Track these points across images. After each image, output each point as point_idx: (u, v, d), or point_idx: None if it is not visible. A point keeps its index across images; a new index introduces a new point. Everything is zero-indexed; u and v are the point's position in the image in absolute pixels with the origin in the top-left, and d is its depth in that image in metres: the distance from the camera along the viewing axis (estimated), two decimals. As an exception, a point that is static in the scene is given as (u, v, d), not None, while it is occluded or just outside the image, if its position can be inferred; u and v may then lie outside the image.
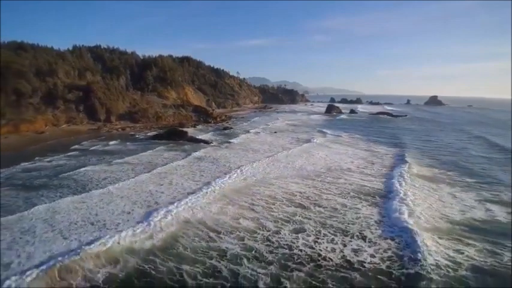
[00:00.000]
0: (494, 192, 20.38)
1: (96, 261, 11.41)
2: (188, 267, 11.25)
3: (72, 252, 11.73)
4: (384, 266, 11.59)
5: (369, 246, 13.01)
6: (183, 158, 28.28)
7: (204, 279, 10.57)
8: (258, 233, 13.99)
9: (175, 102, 68.26)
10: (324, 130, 50.42)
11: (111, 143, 35.85)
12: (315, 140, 39.36)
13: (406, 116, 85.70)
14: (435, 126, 63.23)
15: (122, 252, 12.08)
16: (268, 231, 14.29)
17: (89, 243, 12.32)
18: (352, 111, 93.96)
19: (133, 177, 21.75)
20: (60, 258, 11.24)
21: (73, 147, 32.92)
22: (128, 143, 35.80)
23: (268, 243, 13.17)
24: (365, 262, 11.81)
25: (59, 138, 38.56)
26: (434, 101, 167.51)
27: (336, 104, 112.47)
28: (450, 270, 11.43)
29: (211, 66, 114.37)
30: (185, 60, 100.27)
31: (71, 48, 78.16)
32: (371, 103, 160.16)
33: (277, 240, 13.37)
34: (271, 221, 15.33)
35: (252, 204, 17.48)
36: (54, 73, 56.05)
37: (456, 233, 14.44)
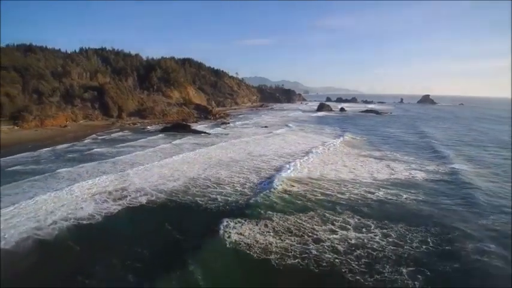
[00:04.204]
0: (421, 165, 27.42)
1: (137, 193, 18.73)
2: (199, 198, 18.40)
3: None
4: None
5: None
6: (169, 143, 36.02)
7: (209, 202, 17.89)
8: (246, 184, 21.05)
9: (179, 101, 75.22)
10: (290, 124, 58.10)
11: (124, 133, 44.25)
12: (278, 131, 48.38)
13: (390, 113, 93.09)
14: (401, 120, 74.89)
15: (152, 190, 19.32)
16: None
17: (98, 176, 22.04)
18: (342, 109, 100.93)
19: (132, 153, 30.13)
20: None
21: (92, 136, 41.38)
22: (136, 134, 43.66)
23: (251, 188, 20.18)
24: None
25: (80, 131, 45.57)
26: (426, 99, 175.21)
27: (328, 103, 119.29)
28: (360, 201, 18.30)
29: (212, 67, 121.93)
30: (186, 62, 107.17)
31: (77, 50, 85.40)
32: (365, 102, 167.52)
33: (257, 186, 20.39)
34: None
35: (242, 168, 24.87)
36: (68, 74, 62.74)
37: (377, 185, 21.38)
